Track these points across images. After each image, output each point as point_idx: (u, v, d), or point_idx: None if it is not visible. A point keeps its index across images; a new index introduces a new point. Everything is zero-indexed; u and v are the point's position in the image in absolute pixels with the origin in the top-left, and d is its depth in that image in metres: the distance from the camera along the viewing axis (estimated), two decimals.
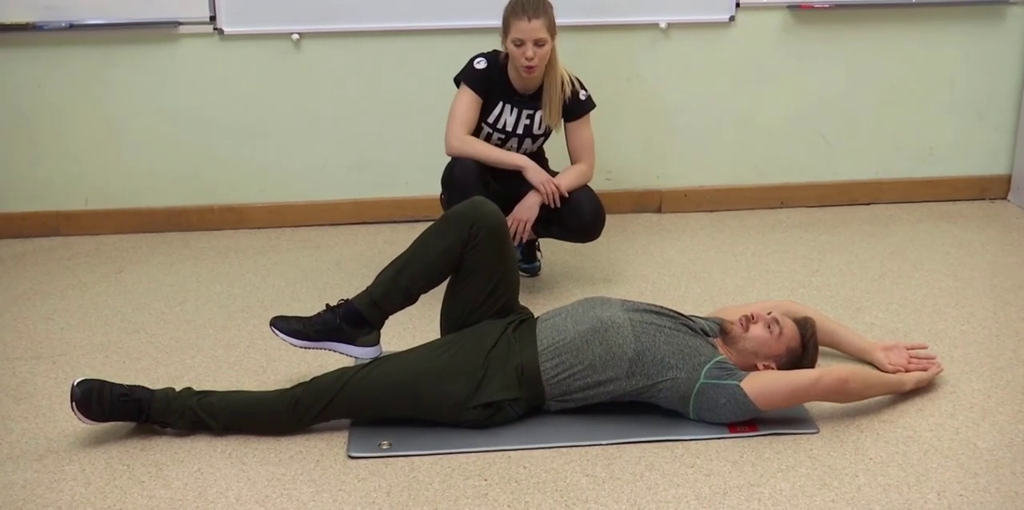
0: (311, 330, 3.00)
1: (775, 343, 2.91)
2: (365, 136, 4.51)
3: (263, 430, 2.85)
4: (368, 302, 3.00)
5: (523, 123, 3.71)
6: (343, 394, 2.78)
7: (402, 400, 2.81)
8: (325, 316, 3.02)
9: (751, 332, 2.91)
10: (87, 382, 2.78)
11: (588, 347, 2.82)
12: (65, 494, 2.62)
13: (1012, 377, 3.17)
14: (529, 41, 3.51)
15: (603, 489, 2.62)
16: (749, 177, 4.73)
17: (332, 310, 3.02)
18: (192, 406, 2.81)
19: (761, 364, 2.89)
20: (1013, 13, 4.60)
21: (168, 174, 4.48)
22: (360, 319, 2.99)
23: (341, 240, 4.41)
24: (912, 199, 4.79)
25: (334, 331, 3.00)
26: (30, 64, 4.28)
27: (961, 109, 4.73)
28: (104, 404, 2.77)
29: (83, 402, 2.76)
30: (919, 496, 2.58)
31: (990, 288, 3.85)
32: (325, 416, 2.82)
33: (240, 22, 4.30)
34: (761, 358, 2.90)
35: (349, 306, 3.01)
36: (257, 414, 2.83)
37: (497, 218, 3.00)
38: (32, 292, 3.89)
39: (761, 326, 2.92)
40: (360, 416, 2.88)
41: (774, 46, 4.55)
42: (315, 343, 3.01)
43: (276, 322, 3.03)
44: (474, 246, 2.95)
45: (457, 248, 2.95)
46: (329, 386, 2.80)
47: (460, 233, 2.95)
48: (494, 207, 3.01)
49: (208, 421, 2.81)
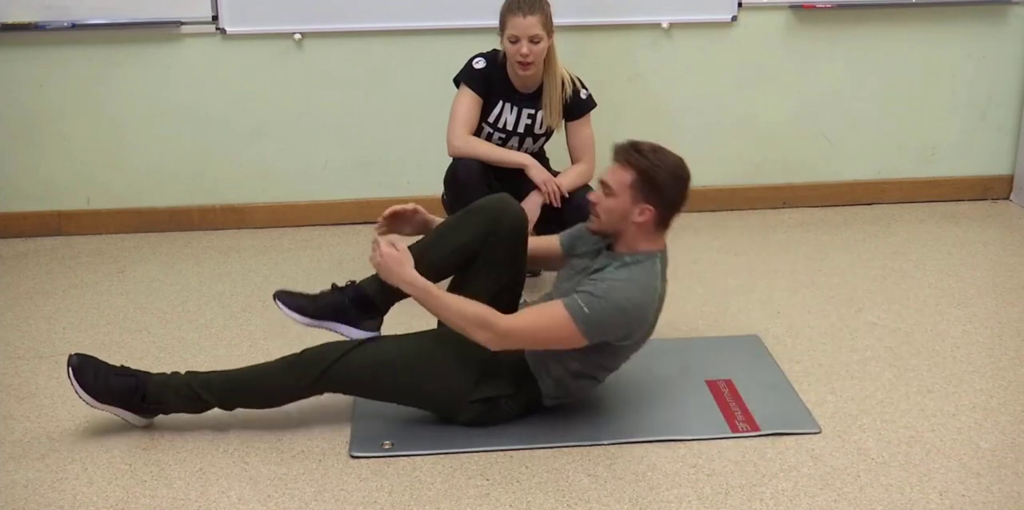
0: (316, 308, 2.94)
1: (619, 198, 2.73)
2: (367, 136, 4.51)
3: (259, 401, 2.84)
4: (379, 287, 2.95)
5: (524, 122, 3.71)
6: (341, 362, 2.76)
7: (400, 381, 2.79)
8: (334, 296, 2.95)
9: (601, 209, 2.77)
10: (83, 355, 2.82)
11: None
12: (67, 493, 2.62)
13: (1014, 377, 3.16)
14: (524, 38, 3.51)
15: (605, 489, 2.62)
16: (751, 177, 4.73)
17: (340, 290, 2.96)
18: (188, 382, 2.81)
19: (636, 218, 2.74)
20: (1016, 13, 4.59)
21: (170, 174, 4.48)
22: (369, 303, 2.94)
23: (343, 240, 4.41)
24: (914, 199, 4.78)
25: (340, 312, 2.93)
26: (32, 64, 4.28)
27: (963, 109, 4.73)
28: (101, 378, 2.78)
29: (79, 370, 2.77)
30: (921, 496, 2.58)
31: (992, 288, 3.85)
32: (320, 385, 2.79)
33: (242, 22, 4.30)
34: (629, 215, 2.74)
35: (358, 289, 2.95)
36: (252, 381, 2.82)
37: (521, 218, 2.95)
38: (34, 291, 3.89)
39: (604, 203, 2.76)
40: (356, 392, 2.86)
41: (776, 46, 4.55)
42: (317, 322, 2.93)
43: (281, 296, 2.95)
44: (493, 243, 2.91)
45: (476, 242, 2.90)
46: (328, 352, 2.79)
47: (482, 228, 2.91)
48: (519, 207, 2.98)
49: (205, 396, 2.80)
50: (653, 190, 2.72)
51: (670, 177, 2.74)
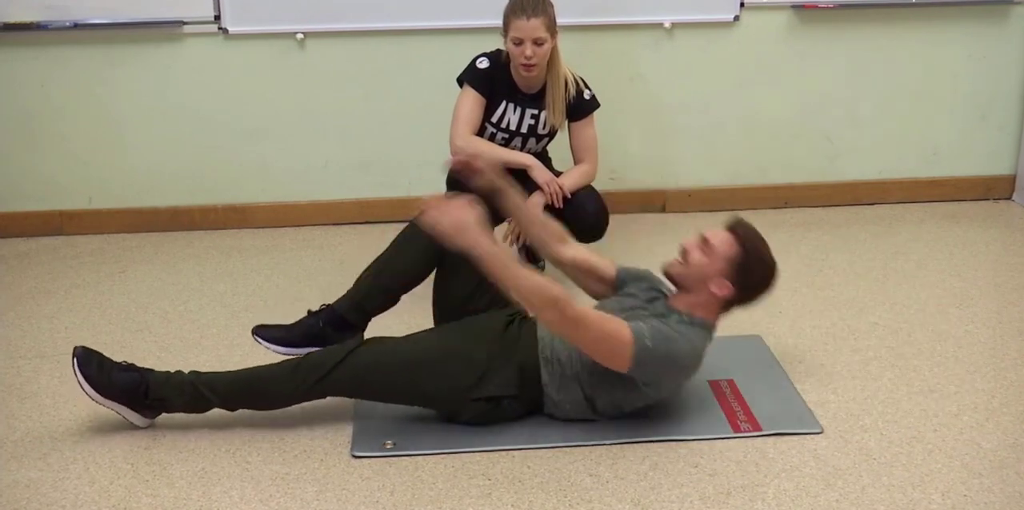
0: (294, 336, 3.02)
1: (712, 261, 2.77)
2: (369, 136, 4.51)
3: (262, 401, 2.84)
4: (349, 305, 3.01)
5: (527, 122, 3.71)
6: (346, 363, 2.76)
7: (403, 380, 2.79)
8: (307, 321, 3.03)
9: (691, 261, 2.80)
10: (88, 348, 2.83)
11: (583, 365, 2.79)
12: (69, 493, 2.62)
13: (1016, 377, 3.16)
14: (528, 40, 3.51)
15: (607, 489, 2.61)
16: (753, 177, 4.73)
17: (314, 315, 3.04)
18: (191, 381, 2.81)
19: (713, 288, 2.78)
20: (1017, 13, 4.59)
21: (171, 173, 4.48)
22: (343, 322, 3.01)
23: (344, 240, 4.41)
24: (916, 199, 4.78)
25: (317, 336, 3.01)
26: (33, 63, 4.28)
27: (965, 109, 4.73)
28: (104, 371, 2.78)
29: (84, 362, 2.78)
30: (923, 496, 2.58)
31: (994, 288, 3.85)
32: (324, 388, 2.79)
33: (244, 21, 4.30)
34: (710, 282, 2.78)
35: (331, 311, 3.02)
36: (257, 383, 2.81)
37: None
38: (36, 291, 3.89)
39: (694, 255, 2.80)
40: (360, 393, 2.86)
41: (778, 46, 4.55)
42: (299, 349, 3.01)
43: (258, 330, 3.06)
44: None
45: (434, 244, 2.84)
46: (332, 355, 2.79)
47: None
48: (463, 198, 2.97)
49: (208, 395, 2.80)
50: (745, 276, 2.78)
51: (764, 276, 2.82)
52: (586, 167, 3.74)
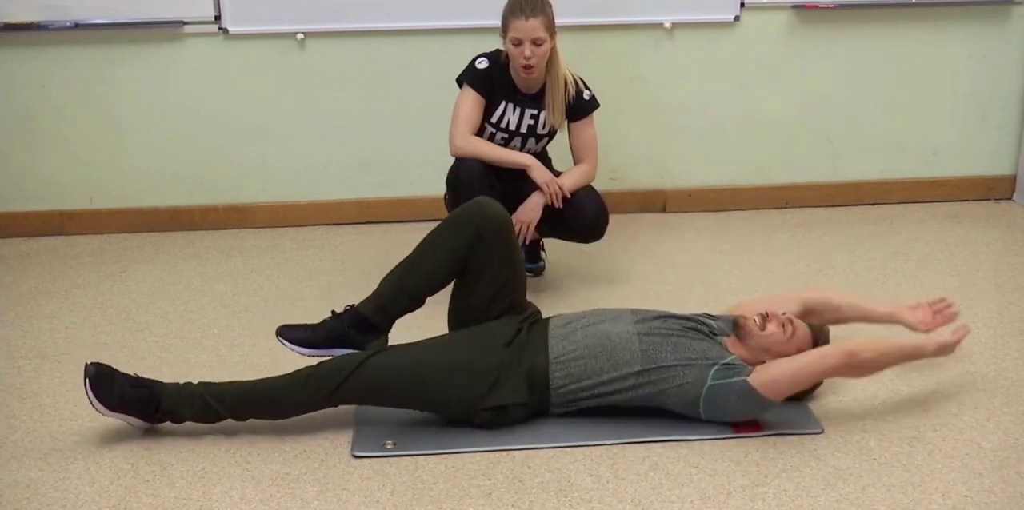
0: (317, 337, 2.99)
1: (786, 343, 2.89)
2: (369, 136, 4.51)
3: (273, 413, 2.83)
4: (374, 307, 2.99)
5: (527, 123, 3.70)
6: (358, 374, 2.76)
7: (415, 390, 2.79)
8: (331, 323, 3.01)
9: (767, 329, 2.89)
10: (100, 364, 2.79)
11: (596, 362, 2.81)
12: (70, 493, 2.62)
13: (1017, 377, 3.16)
14: (527, 40, 3.51)
15: (607, 489, 2.61)
16: (753, 177, 4.73)
17: (338, 317, 3.01)
18: (200, 393, 2.80)
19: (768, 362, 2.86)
20: (1017, 13, 4.59)
21: (172, 173, 4.48)
22: (367, 325, 2.99)
23: (345, 240, 4.41)
24: (917, 199, 4.78)
25: (341, 337, 2.99)
26: (34, 63, 4.29)
27: (965, 109, 4.73)
28: (116, 388, 2.76)
29: (97, 381, 2.75)
30: (924, 497, 2.57)
31: (995, 288, 3.85)
32: (337, 397, 2.79)
33: (244, 22, 4.30)
34: (771, 356, 2.87)
35: (355, 312, 3.00)
36: (266, 395, 2.80)
37: (502, 218, 2.99)
38: (36, 291, 3.89)
39: (775, 325, 2.90)
40: (371, 402, 2.85)
41: (778, 46, 4.55)
42: (322, 350, 2.99)
43: (282, 332, 3.02)
44: (480, 248, 2.94)
45: (463, 250, 2.93)
46: (343, 366, 2.78)
47: (465, 235, 2.93)
48: (499, 207, 3.01)
49: (216, 407, 2.79)
50: None
51: None
52: (586, 167, 3.74)
